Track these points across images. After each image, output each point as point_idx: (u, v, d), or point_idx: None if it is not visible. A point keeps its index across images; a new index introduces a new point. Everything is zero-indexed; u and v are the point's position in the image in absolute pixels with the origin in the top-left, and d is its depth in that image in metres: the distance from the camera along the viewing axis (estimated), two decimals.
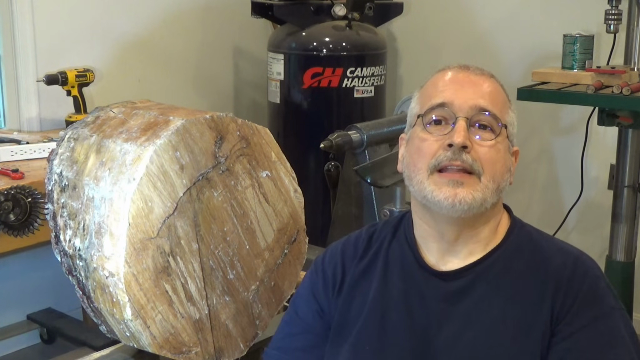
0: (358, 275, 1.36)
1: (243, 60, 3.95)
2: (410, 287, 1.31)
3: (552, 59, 3.02)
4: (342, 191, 2.64)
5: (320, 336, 1.38)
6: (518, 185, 3.63)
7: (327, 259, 1.42)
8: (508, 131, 1.28)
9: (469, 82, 1.29)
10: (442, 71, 1.33)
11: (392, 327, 1.30)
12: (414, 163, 1.27)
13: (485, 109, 1.25)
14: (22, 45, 3.04)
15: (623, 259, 2.88)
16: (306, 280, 1.45)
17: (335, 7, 3.36)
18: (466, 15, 3.71)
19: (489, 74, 1.33)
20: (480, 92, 1.27)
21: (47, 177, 1.67)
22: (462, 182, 1.22)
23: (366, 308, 1.33)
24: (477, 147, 1.24)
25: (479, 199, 1.22)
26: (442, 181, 1.23)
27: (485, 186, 1.23)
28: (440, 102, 1.26)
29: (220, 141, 1.58)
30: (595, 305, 1.22)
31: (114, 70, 3.33)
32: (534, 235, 1.32)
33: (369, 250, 1.38)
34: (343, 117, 3.33)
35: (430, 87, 1.32)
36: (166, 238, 1.50)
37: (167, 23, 3.54)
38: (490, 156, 1.24)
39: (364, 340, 1.31)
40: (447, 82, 1.29)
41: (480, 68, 1.33)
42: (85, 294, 1.57)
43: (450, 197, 1.22)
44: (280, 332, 1.44)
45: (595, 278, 1.25)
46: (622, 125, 2.72)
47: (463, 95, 1.26)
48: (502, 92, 1.32)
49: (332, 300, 1.37)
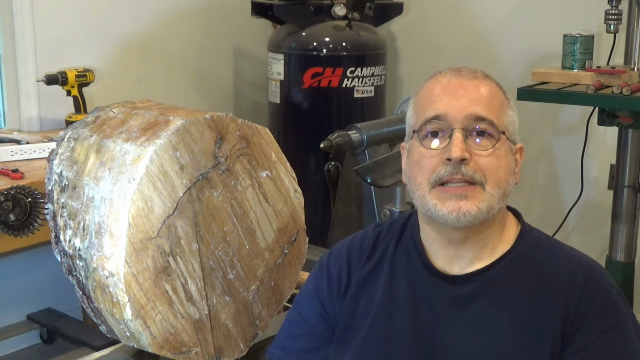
0: (364, 277, 1.35)
1: (243, 60, 3.95)
2: (417, 290, 1.29)
3: (552, 59, 3.02)
4: (342, 191, 2.64)
5: (323, 338, 1.37)
6: (518, 185, 3.62)
7: (332, 260, 1.40)
8: (508, 133, 1.26)
9: (462, 89, 1.25)
10: (434, 78, 1.30)
11: (399, 331, 1.28)
12: (414, 177, 1.26)
13: (481, 117, 1.22)
14: (22, 45, 3.04)
15: (623, 259, 2.87)
16: (310, 280, 1.43)
17: (335, 7, 3.36)
18: (466, 15, 3.71)
19: (483, 75, 1.29)
20: (475, 99, 1.24)
21: (47, 177, 1.67)
22: (465, 195, 1.20)
23: (372, 310, 1.31)
24: (476, 158, 1.21)
25: (484, 208, 1.21)
26: (444, 195, 1.21)
27: (490, 195, 1.21)
28: (434, 115, 1.24)
29: (220, 141, 1.58)
30: (609, 315, 1.21)
31: (114, 70, 3.33)
32: (543, 242, 1.30)
33: (375, 251, 1.36)
34: (343, 117, 3.33)
35: (423, 97, 1.29)
36: (166, 238, 1.50)
37: (167, 23, 3.54)
38: (491, 164, 1.22)
39: (370, 343, 1.30)
40: (439, 92, 1.26)
41: (473, 70, 1.29)
42: (85, 294, 1.57)
43: (454, 211, 1.20)
44: (284, 332, 1.43)
45: (607, 286, 1.24)
46: (622, 125, 2.72)
47: (457, 105, 1.23)
48: (498, 92, 1.28)
49: (336, 302, 1.36)
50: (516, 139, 1.29)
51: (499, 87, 1.30)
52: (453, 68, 1.30)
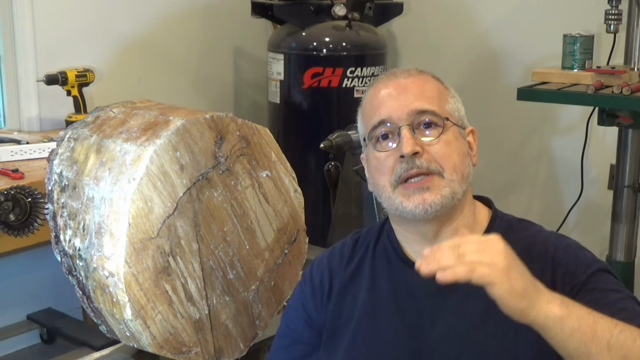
0: (346, 280, 1.38)
1: (243, 60, 3.95)
2: (398, 286, 1.33)
3: (552, 59, 3.02)
4: (342, 191, 2.64)
5: (310, 345, 1.40)
6: (518, 185, 3.63)
7: (314, 269, 1.44)
8: (453, 118, 1.31)
9: (399, 89, 1.31)
10: (373, 86, 1.36)
11: (385, 327, 1.31)
12: (377, 182, 1.31)
13: (423, 110, 1.28)
14: (22, 45, 3.03)
15: (623, 259, 2.88)
16: (296, 292, 1.47)
17: (335, 7, 3.36)
18: (466, 15, 3.71)
19: (417, 72, 1.35)
20: (413, 95, 1.29)
21: (47, 177, 1.68)
22: (427, 187, 1.25)
23: (357, 311, 1.34)
24: (428, 148, 1.26)
25: (448, 195, 1.25)
26: (408, 192, 1.26)
27: (450, 180, 1.26)
28: (379, 120, 1.30)
29: (220, 141, 1.58)
30: (589, 267, 1.25)
31: (114, 70, 3.32)
32: (514, 225, 1.34)
33: (355, 255, 1.40)
34: (343, 117, 3.32)
35: (367, 106, 1.36)
36: (166, 238, 1.50)
37: (167, 23, 3.53)
38: (443, 152, 1.27)
39: (358, 343, 1.33)
40: (380, 98, 1.32)
41: (406, 69, 1.35)
42: (85, 294, 1.57)
43: (420, 204, 1.25)
44: (274, 346, 1.46)
45: (578, 249, 1.30)
46: (622, 125, 2.72)
47: (398, 105, 1.29)
48: (435, 83, 1.34)
49: (321, 308, 1.39)
50: (464, 123, 1.34)
51: (436, 79, 1.36)
52: (389, 72, 1.37)
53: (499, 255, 1.07)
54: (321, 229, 2.89)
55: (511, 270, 1.06)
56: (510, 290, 1.06)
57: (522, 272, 1.09)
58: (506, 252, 1.08)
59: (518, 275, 1.07)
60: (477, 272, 1.06)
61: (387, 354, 1.30)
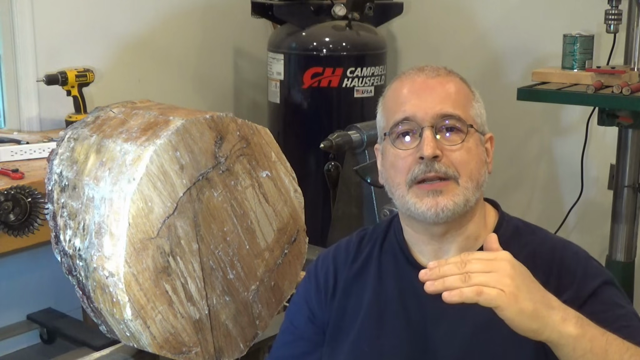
0: (351, 277, 1.38)
1: (243, 60, 3.95)
2: (404, 286, 1.32)
3: (552, 59, 3.02)
4: (342, 191, 2.64)
5: (312, 342, 1.40)
6: (518, 185, 3.63)
7: (318, 266, 1.43)
8: (476, 125, 1.29)
9: (427, 89, 1.28)
10: (399, 79, 1.33)
11: (390, 327, 1.31)
12: (392, 179, 1.29)
13: (448, 114, 1.26)
14: (22, 45, 3.03)
15: (623, 259, 2.88)
16: (299, 289, 1.46)
17: (335, 7, 3.36)
18: (466, 15, 3.71)
19: (446, 72, 1.32)
20: (440, 97, 1.27)
21: (47, 177, 1.67)
22: (441, 191, 1.24)
23: (363, 310, 1.34)
24: (448, 153, 1.25)
25: (460, 202, 1.24)
26: (422, 193, 1.24)
27: (464, 188, 1.25)
28: (403, 117, 1.27)
29: (220, 141, 1.58)
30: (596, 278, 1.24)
31: (114, 70, 3.32)
32: (521, 229, 1.34)
33: (360, 253, 1.40)
34: (343, 117, 3.33)
35: (390, 99, 1.32)
36: (166, 238, 1.50)
37: (167, 23, 3.53)
38: (462, 158, 1.25)
39: (362, 341, 1.32)
40: (406, 94, 1.29)
41: (436, 68, 1.32)
42: (85, 294, 1.57)
43: (432, 207, 1.24)
44: (277, 342, 1.46)
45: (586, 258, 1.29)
46: (622, 125, 2.72)
47: (424, 105, 1.26)
48: (462, 86, 1.31)
49: (325, 305, 1.38)
50: (485, 129, 1.33)
51: (463, 81, 1.33)
52: (417, 67, 1.33)
53: (506, 278, 1.04)
54: (321, 229, 2.89)
55: (520, 292, 1.04)
56: (519, 312, 1.04)
57: (532, 292, 1.06)
58: (514, 272, 1.05)
59: (527, 297, 1.04)
60: (484, 295, 1.03)
61: (391, 355, 1.30)
